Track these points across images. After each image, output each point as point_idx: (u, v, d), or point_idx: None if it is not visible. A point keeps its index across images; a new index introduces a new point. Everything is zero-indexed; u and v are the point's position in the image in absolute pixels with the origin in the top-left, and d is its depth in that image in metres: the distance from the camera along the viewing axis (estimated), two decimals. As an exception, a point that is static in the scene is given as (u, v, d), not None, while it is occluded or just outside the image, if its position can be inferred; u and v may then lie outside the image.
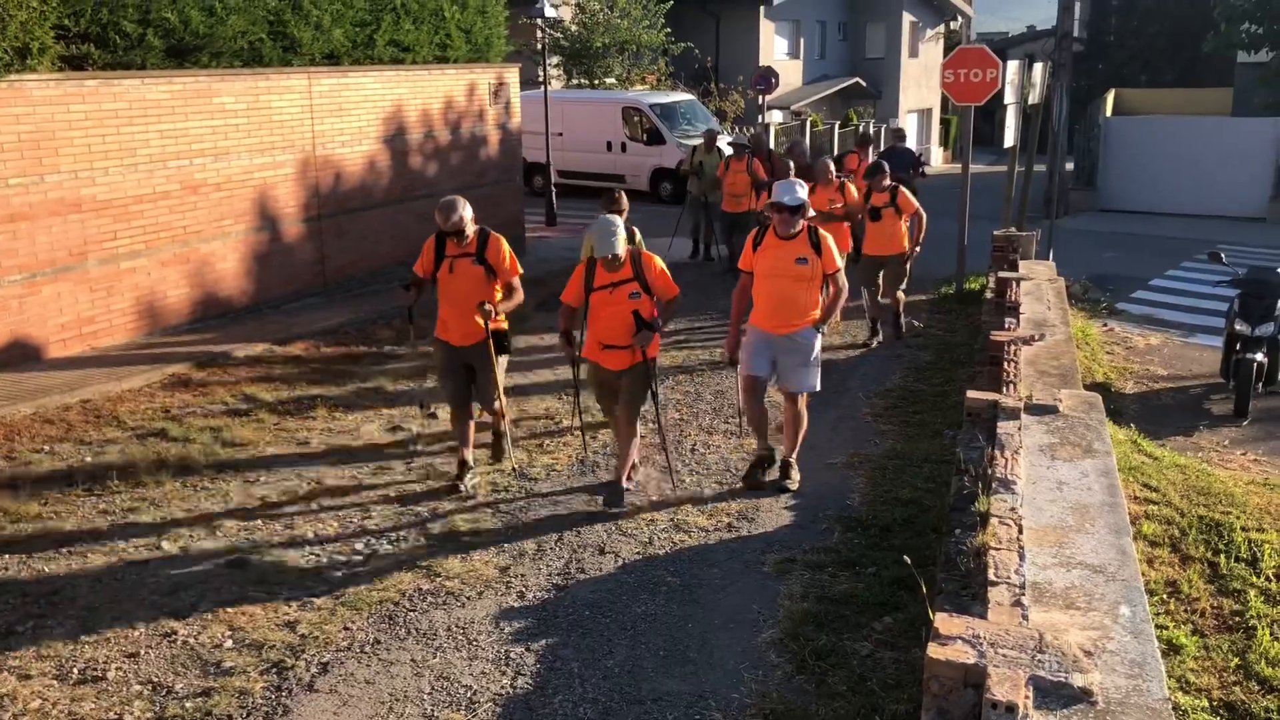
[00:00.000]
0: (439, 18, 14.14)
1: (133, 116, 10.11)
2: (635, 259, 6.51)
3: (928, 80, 38.64)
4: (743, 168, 14.11)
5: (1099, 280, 15.38)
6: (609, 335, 6.52)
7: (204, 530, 6.37)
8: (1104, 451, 5.49)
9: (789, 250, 6.63)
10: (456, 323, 6.85)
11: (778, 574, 5.80)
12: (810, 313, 6.74)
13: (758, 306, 6.82)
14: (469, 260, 6.76)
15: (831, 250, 6.67)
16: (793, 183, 6.72)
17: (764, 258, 6.71)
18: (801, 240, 6.63)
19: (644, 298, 6.47)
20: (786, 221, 6.60)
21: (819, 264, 6.62)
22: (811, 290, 6.70)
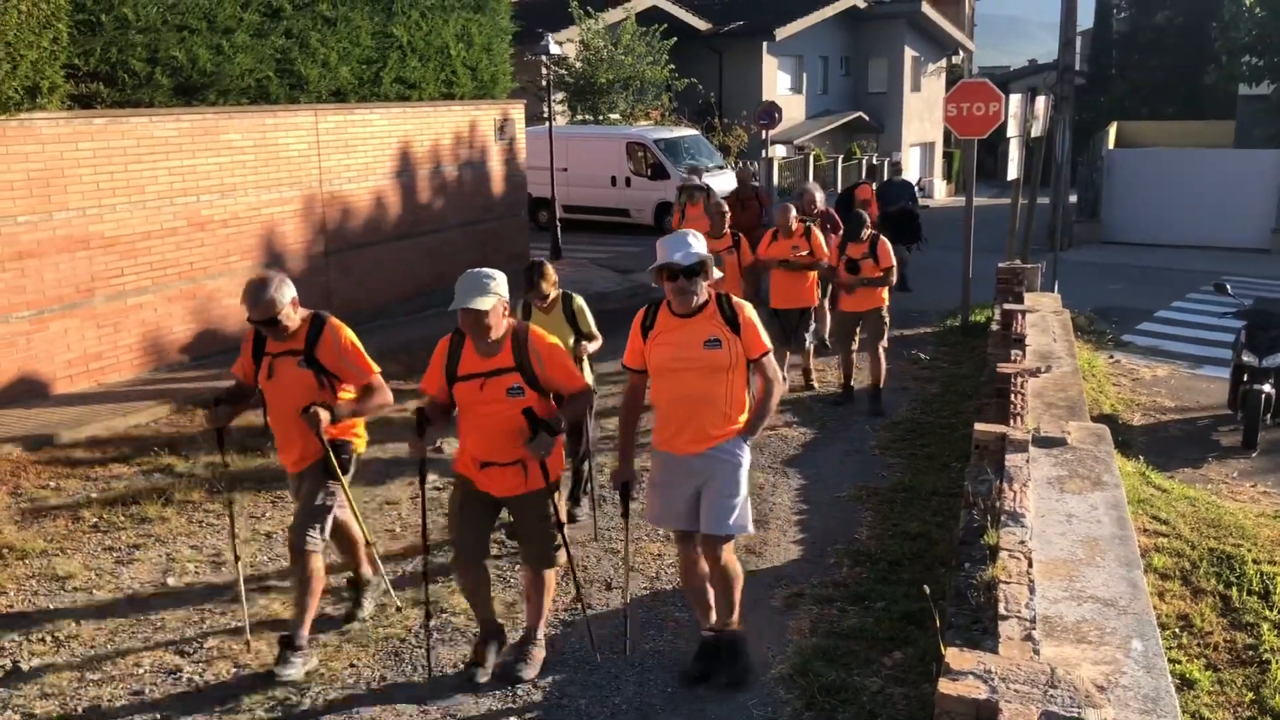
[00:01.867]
0: (445, 55, 14.27)
1: (140, 154, 10.19)
2: (519, 340, 4.76)
3: (930, 114, 38.86)
4: (699, 212, 12.00)
5: (1104, 312, 15.37)
6: (484, 447, 4.80)
7: (209, 566, 6.35)
8: (1113, 484, 5.47)
9: (693, 332, 4.67)
10: (287, 444, 5.22)
11: (786, 609, 5.76)
12: (734, 417, 4.75)
13: (660, 420, 4.84)
14: (293, 360, 5.05)
15: (754, 325, 4.74)
16: (684, 234, 4.73)
17: (659, 347, 4.72)
18: (710, 315, 4.70)
19: (529, 395, 4.74)
20: (683, 291, 4.63)
21: (738, 346, 4.68)
22: (732, 385, 4.73)
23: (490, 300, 4.62)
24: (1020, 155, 14.43)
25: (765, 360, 4.76)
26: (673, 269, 4.62)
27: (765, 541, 6.71)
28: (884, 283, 9.65)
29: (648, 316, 4.82)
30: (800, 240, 9.79)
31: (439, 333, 6.81)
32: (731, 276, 9.21)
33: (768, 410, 4.82)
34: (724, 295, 4.81)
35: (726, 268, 9.08)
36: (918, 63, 39.34)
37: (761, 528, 6.93)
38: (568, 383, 4.87)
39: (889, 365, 11.27)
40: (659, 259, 4.66)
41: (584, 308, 6.79)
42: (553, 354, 4.81)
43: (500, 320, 4.72)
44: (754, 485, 7.65)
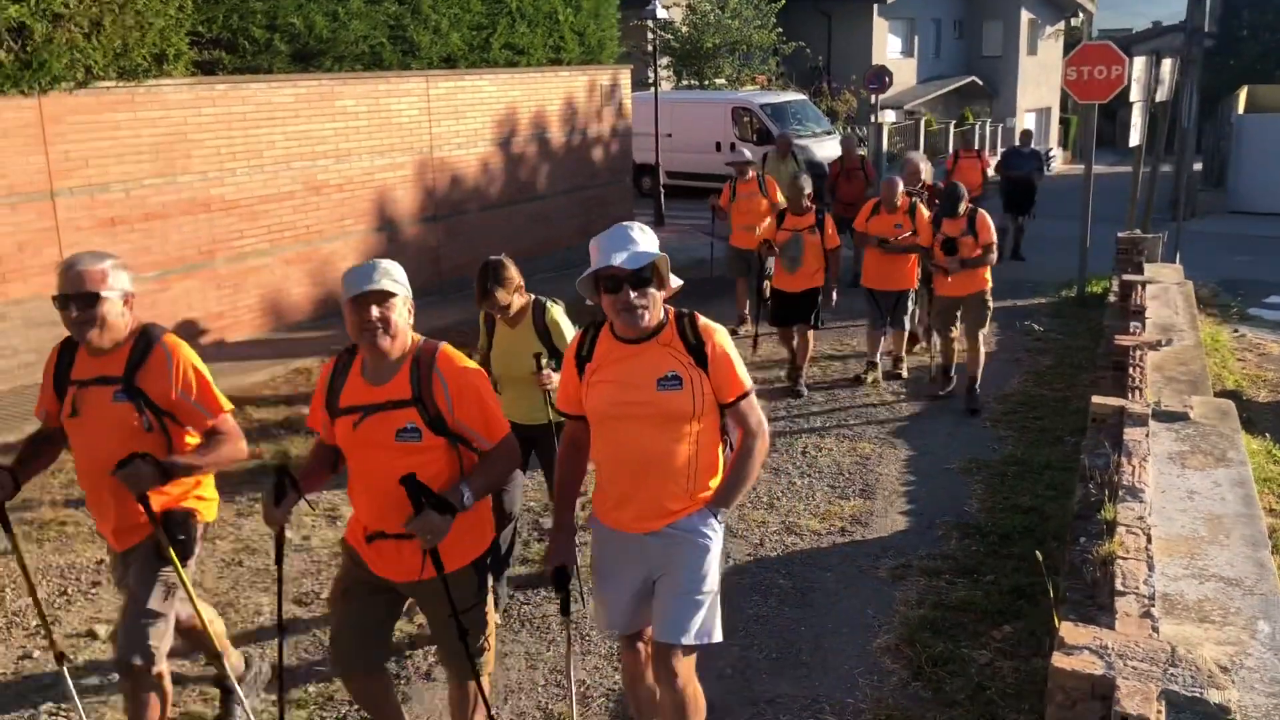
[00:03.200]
0: (553, 20, 14.30)
1: (259, 119, 10.46)
2: (421, 364, 3.44)
3: (1046, 79, 37.63)
4: (750, 189, 11.04)
5: (1229, 285, 14.77)
6: (371, 511, 3.50)
7: (325, 520, 6.55)
8: (1238, 461, 5.28)
9: (644, 365, 3.40)
10: (101, 510, 3.76)
11: (893, 579, 5.71)
12: (700, 483, 3.50)
13: (600, 483, 3.58)
14: (107, 391, 3.62)
15: (728, 357, 3.43)
16: (626, 227, 3.42)
17: (598, 386, 3.46)
18: (667, 343, 3.42)
19: (430, 442, 3.40)
20: (627, 307, 3.31)
21: (705, 386, 3.40)
22: (698, 439, 3.44)
23: (398, 288, 3.42)
24: (1143, 121, 13.91)
25: (744, 405, 3.46)
26: (613, 276, 3.28)
27: (872, 512, 6.65)
28: (984, 262, 8.49)
29: (584, 343, 3.52)
30: (904, 218, 8.95)
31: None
32: (814, 259, 8.75)
33: (747, 473, 3.52)
34: (686, 315, 3.46)
35: (808, 249, 8.72)
36: (1034, 25, 38.06)
37: (868, 498, 6.87)
38: (485, 430, 3.46)
39: (1000, 335, 11.07)
40: (593, 262, 3.33)
41: (561, 320, 5.19)
42: (468, 386, 3.41)
43: (402, 330, 3.44)
44: (860, 456, 7.62)
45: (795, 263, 8.76)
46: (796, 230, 8.79)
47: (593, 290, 3.39)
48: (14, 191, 8.62)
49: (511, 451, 3.56)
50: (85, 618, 5.34)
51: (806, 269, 8.78)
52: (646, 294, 3.32)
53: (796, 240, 8.76)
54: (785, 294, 8.94)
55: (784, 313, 9.06)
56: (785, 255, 8.80)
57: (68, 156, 8.93)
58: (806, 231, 8.74)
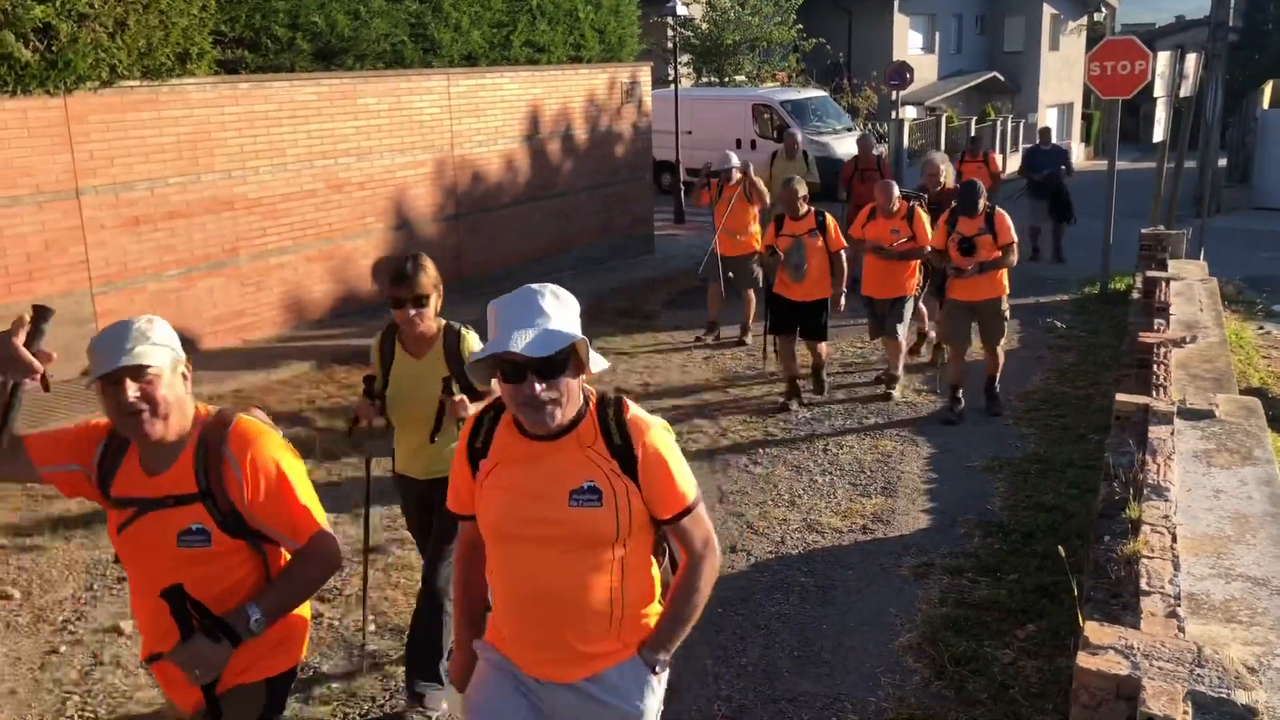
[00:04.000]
0: (573, 18, 14.31)
1: (281, 118, 10.51)
2: (208, 444, 2.73)
3: (1068, 74, 37.38)
4: (738, 191, 10.37)
5: (1254, 282, 14.64)
6: (151, 628, 2.79)
7: (348, 514, 6.58)
8: (1265, 459, 5.23)
9: (553, 470, 2.62)
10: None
11: (915, 578, 5.70)
12: (630, 621, 2.73)
13: (497, 605, 2.81)
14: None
15: (663, 460, 2.63)
16: (532, 295, 2.58)
17: (493, 492, 2.68)
18: (585, 441, 2.64)
19: (225, 547, 2.72)
20: (532, 404, 2.53)
21: (635, 499, 2.62)
22: (625, 569, 2.68)
23: (159, 355, 2.62)
24: (1167, 116, 13.81)
25: (687, 522, 2.66)
26: (514, 363, 2.48)
27: (894, 510, 6.63)
28: (1004, 264, 8.06)
29: (479, 430, 2.73)
30: (900, 223, 8.60)
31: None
32: (819, 265, 8.37)
33: (693, 606, 2.72)
34: (611, 404, 2.66)
35: (811, 254, 8.31)
36: (1057, 20, 37.81)
37: (890, 496, 6.86)
38: (291, 528, 2.73)
39: (1022, 332, 11.02)
40: (489, 335, 2.57)
41: None
42: (268, 470, 2.68)
43: (175, 404, 2.66)
44: (882, 453, 7.61)
45: (800, 270, 8.32)
46: (797, 235, 8.37)
47: (487, 376, 2.61)
48: (40, 190, 8.69)
49: (326, 555, 2.76)
50: (111, 613, 5.39)
51: (811, 275, 8.36)
52: (558, 385, 2.51)
53: (798, 245, 8.33)
54: (789, 302, 8.52)
55: (785, 321, 8.60)
56: (789, 262, 8.37)
57: (92, 155, 9.00)
58: (807, 235, 8.33)
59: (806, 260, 8.32)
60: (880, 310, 8.85)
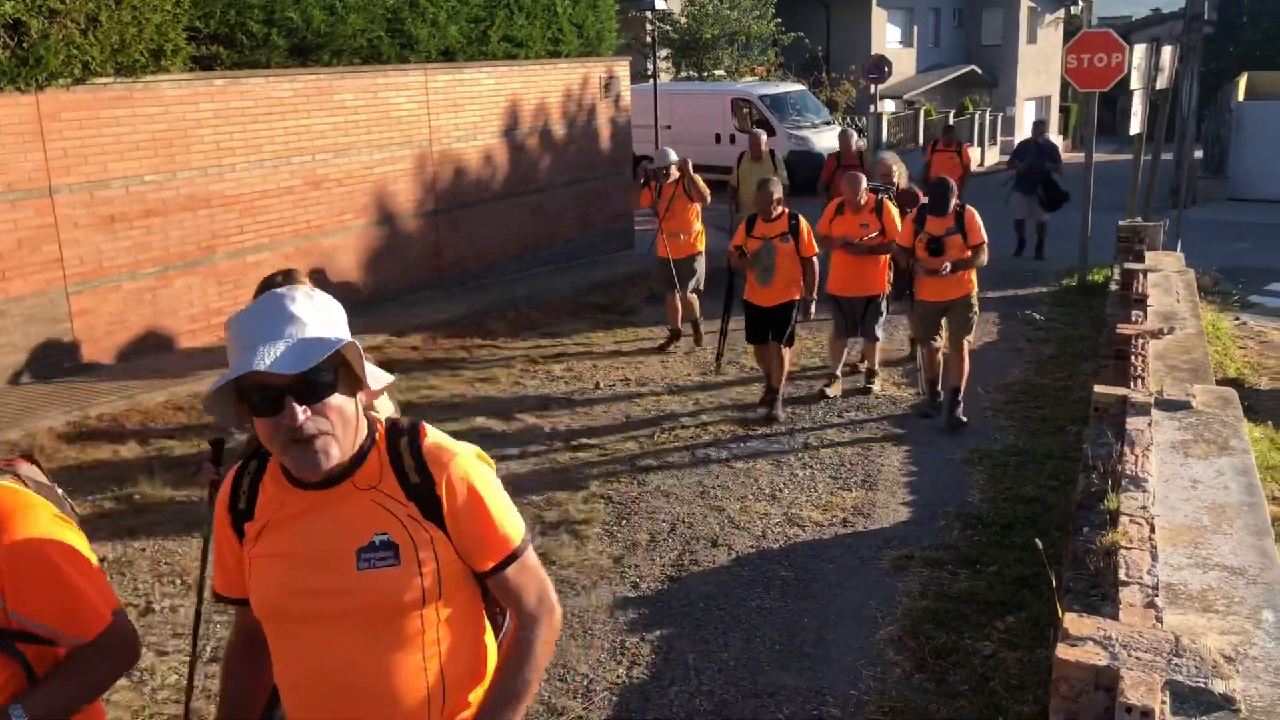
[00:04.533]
0: (551, 13, 14.26)
1: (258, 114, 10.43)
2: None
3: (1046, 67, 37.55)
4: (678, 190, 9.96)
5: (1230, 272, 14.75)
6: None
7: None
8: (1241, 449, 5.27)
9: (334, 525, 2.06)
10: None
11: (895, 570, 5.72)
12: (455, 704, 2.16)
13: (286, 706, 2.21)
14: None
15: (476, 496, 2.12)
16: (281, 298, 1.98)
17: (265, 562, 2.10)
18: (372, 483, 2.08)
19: None
20: (296, 440, 1.95)
21: (445, 549, 2.09)
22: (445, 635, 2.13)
23: None
24: (1143, 109, 13.87)
25: (512, 572, 2.15)
26: (264, 387, 1.94)
27: (874, 503, 6.65)
28: (974, 263, 7.84)
29: (239, 486, 2.16)
30: (869, 217, 8.40)
31: (545, 291, 6.90)
32: (788, 269, 8.02)
33: (527, 680, 2.14)
34: (402, 429, 2.14)
35: (781, 257, 7.96)
36: (1034, 13, 37.96)
37: (870, 489, 6.87)
38: (68, 621, 2.17)
39: (1001, 325, 11.06)
40: (230, 359, 1.98)
41: None
42: (32, 560, 2.13)
43: None
44: (862, 447, 7.63)
45: (768, 273, 7.99)
46: (768, 238, 8.01)
47: (233, 414, 2.00)
48: (12, 189, 8.60)
49: (118, 648, 2.23)
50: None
51: (780, 280, 8.02)
52: (327, 410, 1.95)
53: (768, 248, 7.98)
54: (758, 308, 8.21)
55: (758, 328, 8.29)
56: (757, 265, 8.03)
57: (66, 153, 8.91)
58: (778, 239, 7.97)
59: (775, 263, 7.99)
60: (852, 309, 8.61)
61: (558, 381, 9.32)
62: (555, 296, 12.26)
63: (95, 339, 9.31)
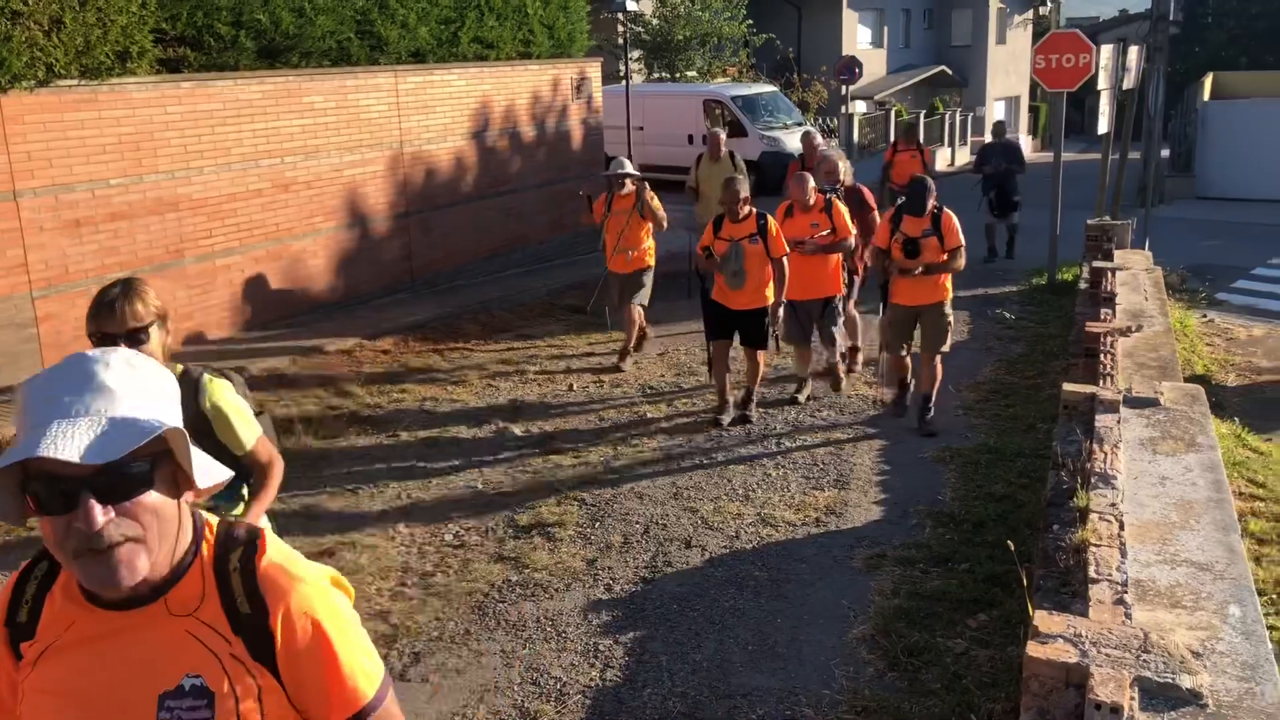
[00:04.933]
0: (522, 14, 14.23)
1: (226, 117, 10.35)
2: None
3: (1015, 67, 37.81)
4: (631, 204, 9.41)
5: (1197, 270, 14.90)
6: None
7: (298, 519, 6.50)
8: (1208, 446, 5.31)
9: (134, 660, 1.58)
10: None
11: (868, 569, 5.73)
12: None
13: None
14: None
15: (322, 636, 1.62)
16: (89, 362, 1.53)
17: (43, 699, 1.61)
18: (188, 608, 1.60)
19: None
20: (93, 549, 1.47)
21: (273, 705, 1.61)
22: None
23: None
24: (1111, 108, 13.99)
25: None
26: (53, 479, 1.46)
27: (846, 502, 6.66)
28: (950, 267, 7.70)
29: (20, 594, 1.68)
30: (820, 216, 8.19)
31: (518, 294, 6.89)
32: (759, 272, 7.81)
33: None
34: (236, 539, 1.68)
35: (750, 259, 7.73)
36: (1003, 14, 38.22)
37: (842, 488, 6.89)
38: None
39: (972, 324, 11.12)
40: (17, 436, 1.51)
41: (227, 403, 3.26)
42: None
43: None
44: (834, 446, 7.67)
45: (738, 277, 7.71)
46: (735, 239, 7.74)
47: (11, 503, 1.51)
48: (-24, 193, 8.50)
49: None
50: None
51: (751, 282, 7.77)
52: (137, 511, 1.52)
53: (736, 250, 7.72)
54: (725, 310, 7.95)
55: (722, 326, 8.06)
56: (725, 269, 7.76)
57: (30, 157, 8.80)
58: (747, 240, 7.69)
59: (744, 266, 7.75)
60: (808, 312, 8.39)
61: (530, 384, 9.29)
62: (528, 298, 12.23)
63: (62, 344, 9.20)
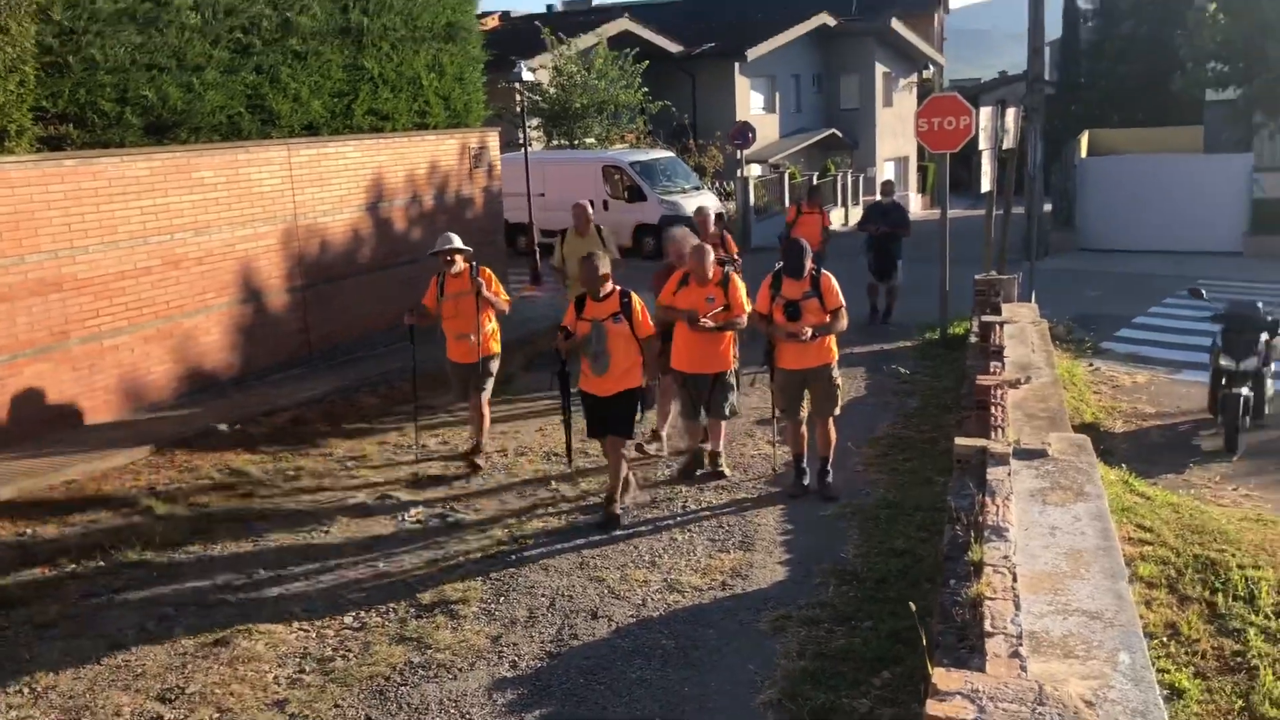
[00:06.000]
0: (417, 86, 14.27)
1: (112, 194, 10.12)
2: None
3: (903, 129, 39.02)
4: (465, 284, 8.50)
5: (1082, 320, 15.45)
6: None
7: (191, 608, 6.27)
8: (1095, 494, 5.46)
9: None
10: None
11: (773, 632, 5.73)
12: None
13: None
14: None
15: None
16: None
17: None
18: None
19: None
20: None
21: None
22: None
23: None
24: (993, 167, 14.54)
25: None
26: None
27: (751, 564, 6.68)
28: (833, 330, 7.64)
29: None
30: (715, 290, 7.86)
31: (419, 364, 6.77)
32: (625, 354, 7.30)
33: None
34: None
35: (615, 340, 7.24)
36: (889, 78, 39.59)
37: (747, 550, 6.90)
38: None
39: (869, 379, 11.33)
40: None
41: None
42: None
43: None
44: (739, 506, 7.70)
45: (600, 360, 7.21)
46: (598, 319, 7.25)
47: None
48: None
49: None
50: None
51: (618, 365, 7.25)
52: None
53: (599, 332, 7.21)
54: (597, 399, 7.38)
55: (599, 421, 7.46)
56: (588, 351, 7.25)
57: (-98, 240, 8.49)
58: (610, 320, 7.22)
59: (608, 347, 7.22)
60: (698, 387, 8.08)
61: (433, 457, 9.17)
62: (430, 368, 12.08)
63: (-63, 433, 8.82)
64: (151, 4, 10.53)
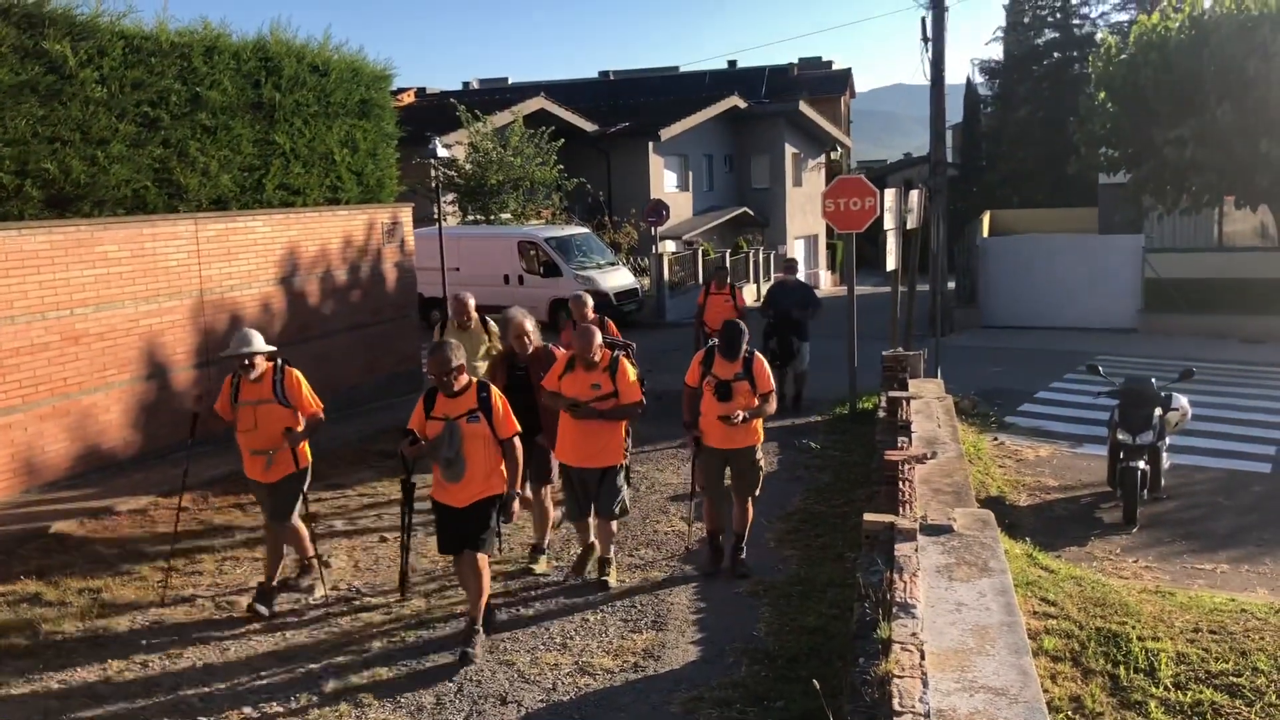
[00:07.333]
0: (329, 161, 14.23)
1: (9, 268, 9.85)
2: None
3: (812, 207, 40.07)
4: (266, 391, 7.33)
5: (986, 395, 15.80)
6: None
7: (84, 701, 5.99)
8: (999, 570, 5.56)
9: None
10: None
11: (685, 714, 5.68)
12: None
13: None
14: None
15: None
16: None
17: None
18: None
19: None
20: None
21: None
22: None
23: None
24: (898, 246, 14.90)
25: None
26: None
27: (664, 644, 6.62)
28: (761, 413, 7.64)
29: None
30: (602, 376, 7.38)
31: (328, 441, 6.64)
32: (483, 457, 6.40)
33: None
34: None
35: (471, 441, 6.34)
36: (798, 159, 40.69)
37: (660, 629, 6.85)
38: None
39: (780, 454, 11.42)
40: None
41: None
42: None
43: None
44: (652, 584, 7.64)
45: (453, 466, 6.31)
46: (450, 418, 6.34)
47: None
48: None
49: None
50: None
51: (475, 470, 6.38)
52: None
53: (452, 433, 6.30)
54: (450, 510, 6.50)
55: (452, 537, 6.54)
56: (438, 456, 6.33)
57: None
58: (465, 419, 6.32)
59: (463, 452, 6.34)
60: (584, 483, 7.57)
61: (339, 537, 8.97)
62: (338, 445, 11.89)
63: None
64: (55, 77, 10.38)
